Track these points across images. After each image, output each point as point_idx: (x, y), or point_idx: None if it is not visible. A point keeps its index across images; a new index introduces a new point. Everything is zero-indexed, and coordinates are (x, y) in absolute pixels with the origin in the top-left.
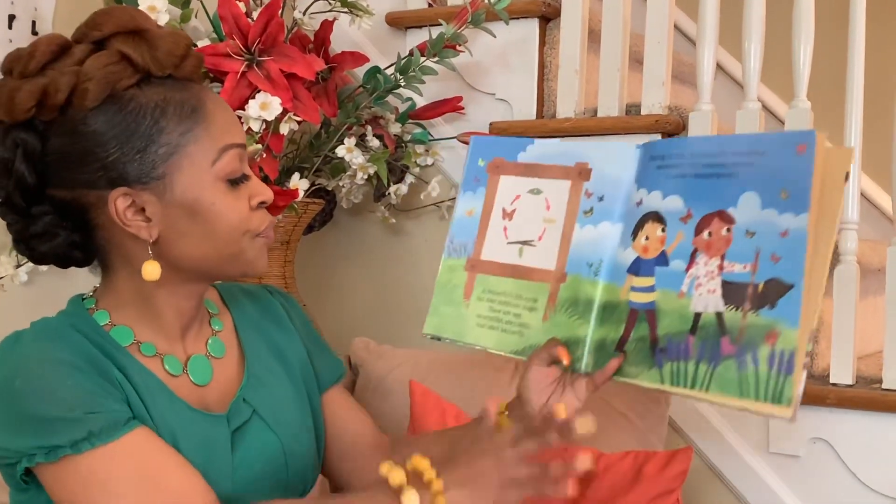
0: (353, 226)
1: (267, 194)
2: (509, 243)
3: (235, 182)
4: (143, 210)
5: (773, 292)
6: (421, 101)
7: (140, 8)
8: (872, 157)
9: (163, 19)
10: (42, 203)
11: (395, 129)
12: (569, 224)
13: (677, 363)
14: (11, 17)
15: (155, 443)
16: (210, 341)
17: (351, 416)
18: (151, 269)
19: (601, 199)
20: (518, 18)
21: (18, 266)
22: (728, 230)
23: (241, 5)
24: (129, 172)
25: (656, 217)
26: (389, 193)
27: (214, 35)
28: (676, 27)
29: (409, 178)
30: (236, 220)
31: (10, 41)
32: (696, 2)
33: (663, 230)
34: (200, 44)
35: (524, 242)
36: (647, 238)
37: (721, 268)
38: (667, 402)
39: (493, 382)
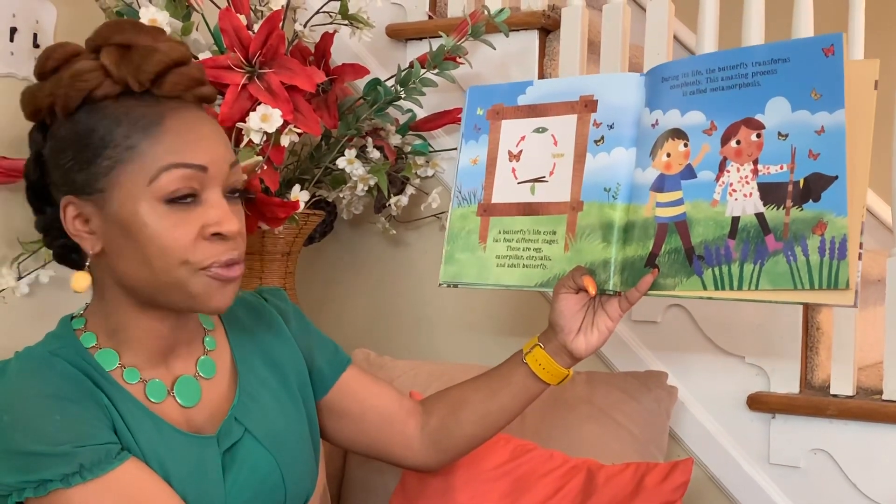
0: (353, 237)
1: (226, 226)
2: (520, 183)
3: (179, 205)
4: (88, 221)
5: (816, 186)
6: (421, 113)
7: (141, 21)
8: (872, 167)
9: None
10: (51, 203)
11: (395, 140)
12: (579, 155)
13: (719, 267)
14: (13, 30)
15: (145, 475)
16: (200, 361)
17: (372, 392)
18: (79, 280)
19: (611, 126)
20: (518, 30)
21: (20, 278)
22: (758, 135)
23: (242, 18)
24: (77, 182)
25: (676, 133)
26: (390, 205)
27: (215, 47)
28: (676, 38)
29: (409, 190)
30: (170, 247)
31: (12, 54)
32: (695, 13)
33: (686, 145)
34: (201, 56)
35: (535, 180)
36: (668, 155)
37: (755, 171)
38: (667, 413)
39: None
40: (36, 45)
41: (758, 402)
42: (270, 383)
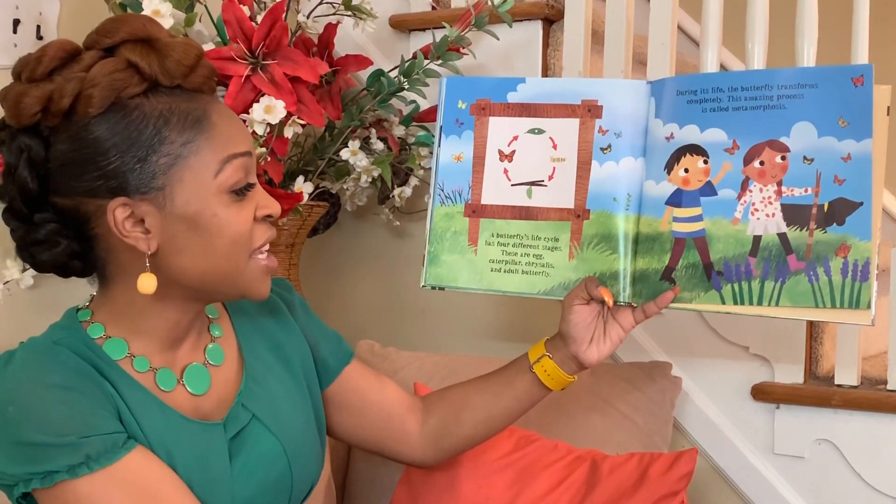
0: (357, 228)
1: (273, 207)
2: (514, 185)
3: (240, 193)
4: (142, 221)
5: (841, 211)
6: (424, 104)
7: (144, 13)
8: None
9: (167, 24)
10: (45, 210)
11: (398, 131)
12: (583, 161)
13: (739, 283)
14: (16, 22)
15: (152, 463)
16: (208, 349)
17: (373, 387)
18: (147, 282)
19: (618, 135)
20: (521, 21)
21: (24, 270)
22: (783, 158)
23: (245, 9)
24: (129, 182)
25: (695, 149)
26: (393, 196)
27: (218, 39)
28: (680, 28)
29: (412, 181)
30: (238, 233)
31: (15, 45)
32: (699, 3)
33: (705, 161)
34: (205, 48)
35: (532, 183)
36: (686, 170)
37: (779, 193)
38: (671, 403)
39: None
40: (39, 38)
41: (762, 393)
42: (276, 370)
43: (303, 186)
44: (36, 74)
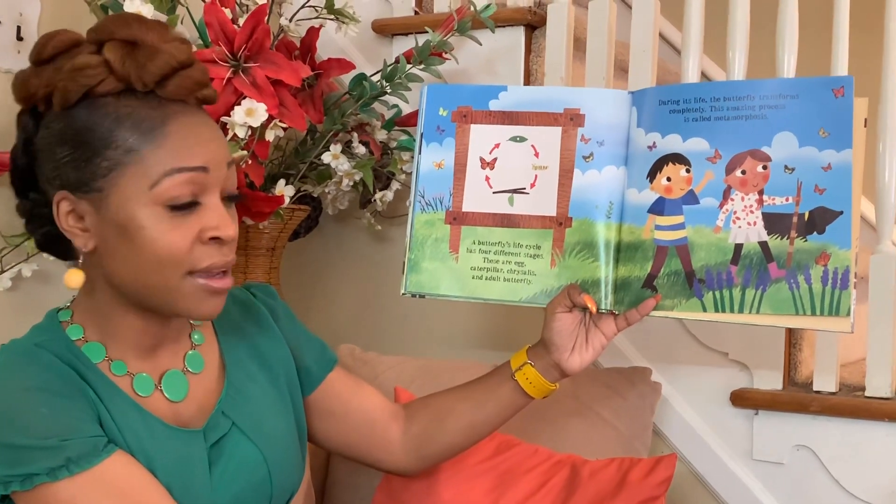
0: (338, 232)
1: (224, 230)
2: (495, 192)
3: (180, 209)
4: (82, 218)
5: (821, 220)
6: (407, 108)
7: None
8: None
9: None
10: (37, 190)
11: (381, 135)
12: (566, 170)
13: (720, 291)
14: None
15: (133, 467)
16: (188, 355)
17: (356, 394)
18: (73, 277)
19: (601, 143)
20: (504, 26)
21: (2, 272)
22: (765, 167)
23: (227, 12)
24: (73, 179)
25: (677, 158)
26: (375, 200)
27: (200, 41)
28: (661, 36)
29: (394, 185)
30: (166, 251)
31: None
32: (681, 11)
33: (688, 170)
34: None
35: (514, 191)
36: (668, 179)
37: (760, 202)
38: (651, 409)
39: None
40: (19, 38)
41: (741, 399)
42: (258, 378)
43: (284, 190)
44: (38, 60)
